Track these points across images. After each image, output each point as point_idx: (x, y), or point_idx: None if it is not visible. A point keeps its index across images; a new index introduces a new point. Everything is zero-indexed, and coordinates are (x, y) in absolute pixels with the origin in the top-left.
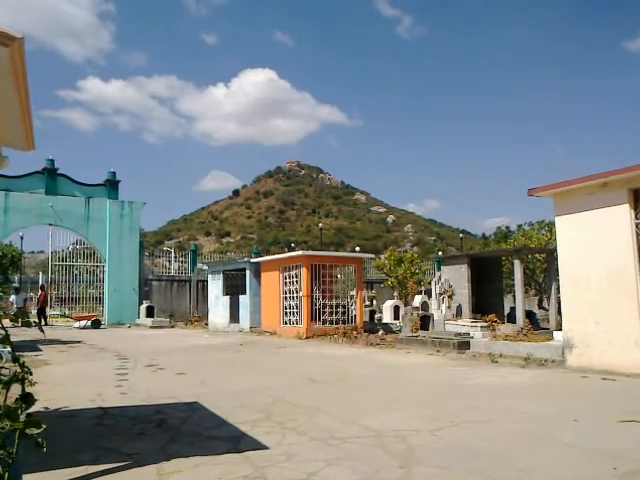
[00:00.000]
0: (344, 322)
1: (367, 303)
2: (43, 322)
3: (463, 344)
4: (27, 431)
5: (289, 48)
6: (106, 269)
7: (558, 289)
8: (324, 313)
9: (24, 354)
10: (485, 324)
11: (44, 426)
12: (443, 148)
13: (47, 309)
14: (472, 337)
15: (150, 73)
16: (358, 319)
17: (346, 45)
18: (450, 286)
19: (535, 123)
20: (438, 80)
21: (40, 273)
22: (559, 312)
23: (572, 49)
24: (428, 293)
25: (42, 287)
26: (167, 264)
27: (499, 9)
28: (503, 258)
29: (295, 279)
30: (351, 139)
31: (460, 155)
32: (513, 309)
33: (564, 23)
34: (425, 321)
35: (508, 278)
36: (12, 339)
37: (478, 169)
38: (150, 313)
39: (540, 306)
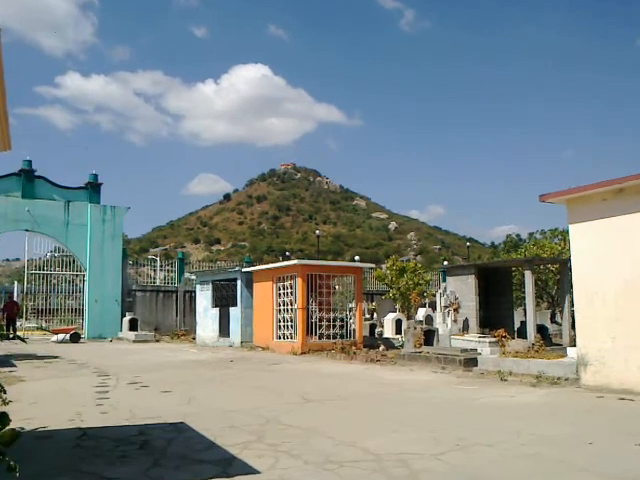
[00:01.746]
0: (342, 337)
1: (367, 316)
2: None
3: (470, 361)
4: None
5: (284, 42)
6: (86, 278)
7: (572, 302)
8: (321, 327)
9: None
10: (494, 339)
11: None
12: (448, 151)
13: (21, 321)
14: (480, 353)
15: (134, 68)
16: (357, 333)
17: (345, 39)
18: (456, 298)
19: (546, 125)
20: (443, 79)
21: (15, 282)
22: (573, 327)
23: (586, 48)
24: (432, 306)
25: (10, 297)
26: (152, 273)
27: (509, 4)
28: (513, 269)
29: (290, 290)
30: (350, 140)
31: (466, 158)
32: (524, 323)
33: (578, 20)
34: (429, 336)
35: (518, 290)
36: None
37: (486, 173)
38: (133, 326)
39: (553, 320)
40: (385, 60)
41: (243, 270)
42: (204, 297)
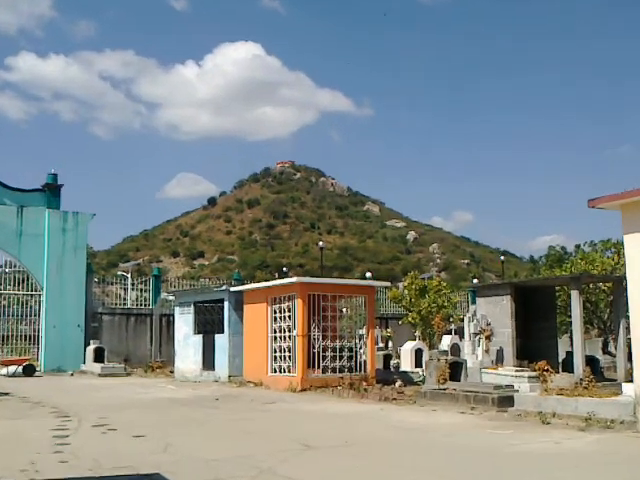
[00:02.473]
0: (350, 370)
1: (380, 345)
2: None
3: (505, 400)
4: None
5: (279, 16)
6: (43, 299)
7: (628, 328)
8: (325, 358)
9: None
10: (533, 374)
11: None
12: (479, 146)
13: None
14: (517, 390)
15: (101, 47)
16: (369, 366)
17: (353, 13)
18: (488, 324)
19: (597, 114)
20: (472, 56)
21: None
22: (629, 358)
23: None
24: (460, 333)
25: None
26: (122, 293)
27: None
28: (557, 288)
29: (288, 314)
30: (360, 133)
31: (501, 155)
32: (570, 354)
33: None
34: (456, 369)
35: (563, 314)
36: None
37: (524, 172)
38: (99, 357)
39: (605, 350)
40: (400, 37)
41: (231, 289)
42: (184, 322)
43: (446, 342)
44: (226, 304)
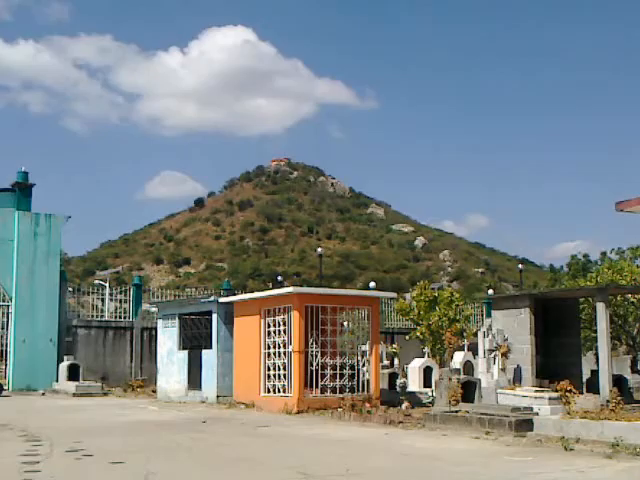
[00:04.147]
0: (352, 390)
1: (385, 363)
2: None
3: (523, 423)
4: None
5: None
6: (12, 311)
7: None
8: (324, 377)
9: None
10: (555, 395)
11: None
12: (494, 144)
13: None
14: (536, 413)
15: (75, 32)
16: (372, 386)
17: None
18: (505, 339)
19: (629, 109)
20: (490, 42)
21: None
22: None
23: None
24: (473, 349)
25: None
26: (99, 304)
27: None
28: (581, 300)
29: (283, 327)
30: (363, 128)
31: (519, 154)
32: (595, 373)
33: None
34: (469, 390)
35: (588, 329)
36: None
37: (545, 173)
38: (74, 374)
39: (634, 369)
40: (408, 20)
41: (220, 300)
42: (168, 336)
43: (458, 359)
44: (214, 317)
